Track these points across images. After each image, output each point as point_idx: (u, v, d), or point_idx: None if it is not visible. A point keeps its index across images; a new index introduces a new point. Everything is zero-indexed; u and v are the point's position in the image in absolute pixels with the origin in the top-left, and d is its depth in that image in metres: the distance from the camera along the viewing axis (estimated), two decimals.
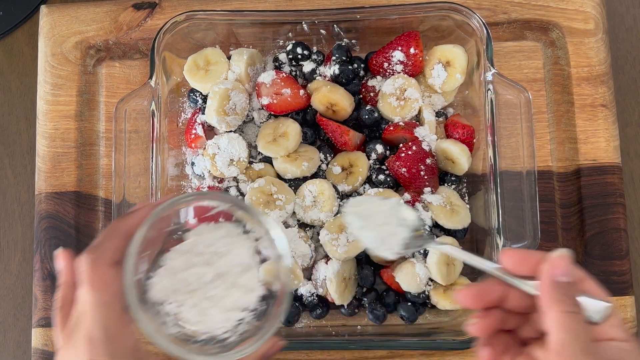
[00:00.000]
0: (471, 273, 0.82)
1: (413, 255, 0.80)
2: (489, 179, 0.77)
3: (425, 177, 0.80)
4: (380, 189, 0.80)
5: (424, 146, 0.81)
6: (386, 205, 0.67)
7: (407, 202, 0.80)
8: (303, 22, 0.83)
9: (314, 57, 0.85)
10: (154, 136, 0.80)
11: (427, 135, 0.81)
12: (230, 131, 0.83)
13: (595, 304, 0.50)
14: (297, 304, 0.79)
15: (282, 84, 0.82)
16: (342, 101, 0.81)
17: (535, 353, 0.52)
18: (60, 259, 0.57)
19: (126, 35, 0.90)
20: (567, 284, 0.50)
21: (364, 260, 0.82)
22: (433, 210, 0.80)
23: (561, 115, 0.87)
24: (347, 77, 0.83)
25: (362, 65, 0.84)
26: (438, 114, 0.85)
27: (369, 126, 0.85)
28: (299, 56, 0.84)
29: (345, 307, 0.80)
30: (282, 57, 0.85)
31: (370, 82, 0.85)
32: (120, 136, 0.81)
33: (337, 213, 0.81)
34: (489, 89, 0.78)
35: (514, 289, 0.53)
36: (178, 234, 0.56)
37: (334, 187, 0.81)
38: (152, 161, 0.79)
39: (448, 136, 0.83)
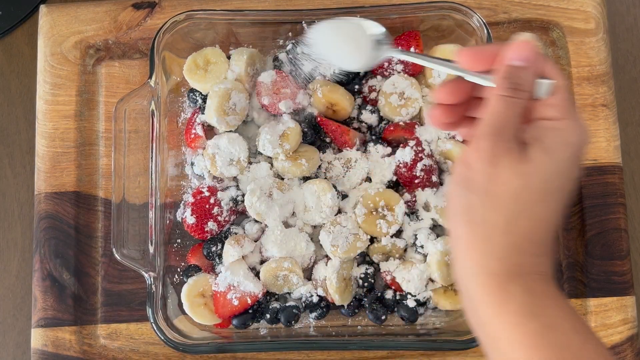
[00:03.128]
0: None
1: (415, 249, 0.80)
2: None
3: (426, 177, 0.80)
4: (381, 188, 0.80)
5: (425, 146, 0.81)
6: (350, 24, 0.69)
7: (407, 202, 0.80)
8: (303, 22, 0.83)
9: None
10: (153, 136, 0.79)
11: (428, 135, 0.81)
12: (230, 131, 0.83)
13: (542, 82, 0.51)
14: (297, 304, 0.79)
15: (282, 83, 0.82)
16: (342, 101, 0.81)
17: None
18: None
19: (126, 35, 0.90)
20: (519, 68, 0.51)
21: (364, 260, 0.82)
22: (433, 211, 0.80)
23: None
24: (347, 77, 0.83)
25: None
26: None
27: (369, 126, 0.84)
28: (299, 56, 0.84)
29: (345, 307, 0.80)
30: (282, 57, 0.85)
31: (371, 82, 0.85)
32: (120, 136, 0.80)
33: (337, 213, 0.81)
34: None
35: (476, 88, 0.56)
36: None
37: (334, 187, 0.80)
38: (152, 161, 0.79)
39: (448, 136, 0.83)
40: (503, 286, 0.49)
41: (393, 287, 0.80)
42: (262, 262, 0.81)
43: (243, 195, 0.81)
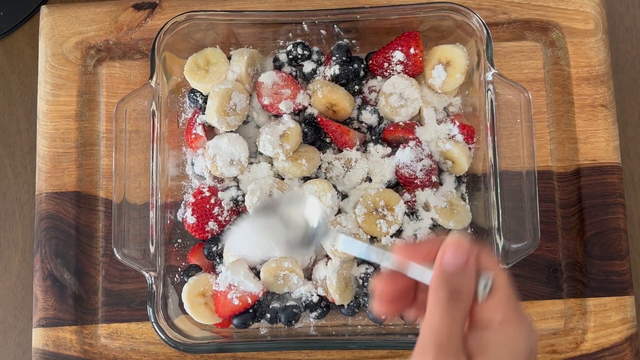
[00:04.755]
0: None
1: None
2: (489, 179, 0.77)
3: (426, 177, 0.80)
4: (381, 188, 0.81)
5: (424, 146, 0.81)
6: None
7: (407, 202, 0.80)
8: (303, 22, 0.83)
9: (314, 57, 0.85)
10: (154, 136, 0.80)
11: (428, 135, 0.82)
12: (231, 131, 0.83)
13: (482, 280, 0.48)
14: (297, 304, 0.79)
15: (282, 84, 0.82)
16: (342, 101, 0.81)
17: None
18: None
19: (126, 36, 0.90)
20: (454, 274, 0.47)
21: (364, 260, 0.82)
22: (433, 211, 0.80)
23: (561, 115, 0.87)
24: (347, 77, 0.83)
25: (362, 65, 0.85)
26: (438, 114, 0.85)
27: (369, 126, 0.85)
28: (299, 56, 0.85)
29: (345, 307, 0.80)
30: (282, 57, 0.86)
31: (371, 82, 0.85)
32: (121, 136, 0.81)
33: (337, 213, 0.81)
34: (489, 89, 0.78)
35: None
36: None
37: (334, 187, 0.81)
38: (153, 161, 0.79)
39: (448, 136, 0.83)
40: None
41: None
42: (262, 262, 0.81)
43: (243, 196, 0.81)
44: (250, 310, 0.78)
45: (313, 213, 0.60)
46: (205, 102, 0.83)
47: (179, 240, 0.85)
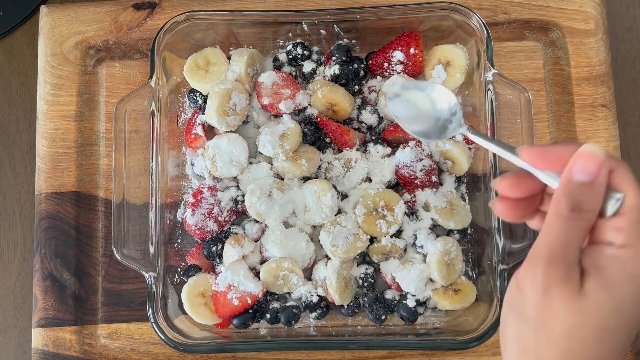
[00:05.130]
0: (471, 273, 0.82)
1: (415, 249, 0.80)
2: (489, 179, 0.77)
3: (426, 177, 0.80)
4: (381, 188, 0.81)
5: (424, 146, 0.81)
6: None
7: (406, 202, 0.80)
8: (303, 22, 0.83)
9: (314, 57, 0.85)
10: (154, 136, 0.80)
11: None
12: (230, 131, 0.83)
13: (611, 199, 0.45)
14: (297, 304, 0.79)
15: (282, 84, 0.82)
16: (342, 101, 0.81)
17: None
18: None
19: (126, 36, 0.90)
20: (583, 185, 0.44)
21: (364, 260, 0.82)
22: (433, 211, 0.80)
23: (561, 115, 0.87)
24: (347, 77, 0.83)
25: (362, 65, 0.84)
26: None
27: (369, 126, 0.85)
28: (299, 56, 0.84)
29: (345, 307, 0.80)
30: (282, 57, 0.86)
31: (371, 82, 0.85)
32: (120, 136, 0.81)
33: (337, 213, 0.81)
34: (489, 89, 0.78)
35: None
36: None
37: (334, 187, 0.81)
38: (152, 161, 0.79)
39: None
40: None
41: (393, 287, 0.80)
42: (262, 262, 0.81)
43: (243, 196, 0.81)
44: (250, 311, 0.78)
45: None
46: (205, 102, 0.83)
47: (179, 241, 0.85)
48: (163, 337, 0.75)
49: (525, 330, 0.46)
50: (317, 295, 0.79)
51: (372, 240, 0.81)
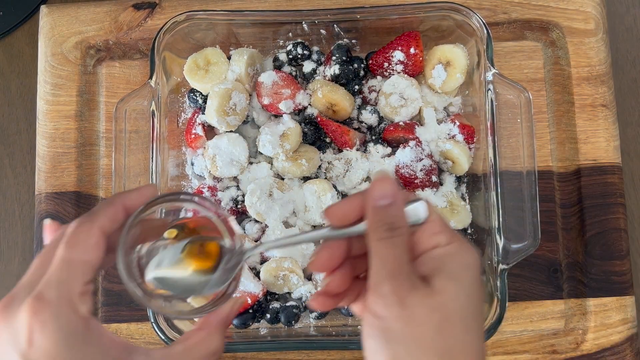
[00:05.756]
0: None
1: None
2: (489, 179, 0.77)
3: (426, 177, 0.80)
4: None
5: (424, 146, 0.81)
6: None
7: None
8: (303, 22, 0.83)
9: (314, 57, 0.85)
10: (154, 136, 0.80)
11: (428, 135, 0.82)
12: (231, 131, 0.83)
13: (413, 208, 0.48)
14: (297, 304, 0.79)
15: (282, 84, 0.82)
16: (342, 101, 0.81)
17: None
18: (47, 229, 0.51)
19: (126, 35, 0.90)
20: (387, 206, 0.48)
21: None
22: None
23: (561, 115, 0.87)
24: (347, 77, 0.83)
25: (362, 65, 0.84)
26: (438, 114, 0.85)
27: (369, 126, 0.85)
28: (299, 56, 0.84)
29: (346, 307, 0.80)
30: (282, 57, 0.85)
31: (371, 82, 0.85)
32: (120, 136, 0.81)
33: None
34: (489, 89, 0.78)
35: (354, 238, 0.51)
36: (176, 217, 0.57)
37: (334, 187, 0.81)
38: (152, 161, 0.79)
39: (448, 136, 0.83)
40: None
41: None
42: (262, 262, 0.81)
43: (243, 196, 0.81)
44: (250, 311, 0.78)
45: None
46: (205, 102, 0.83)
47: None
48: (163, 337, 0.75)
49: (397, 350, 0.45)
50: None
51: None
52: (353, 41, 0.87)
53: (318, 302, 0.52)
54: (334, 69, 0.82)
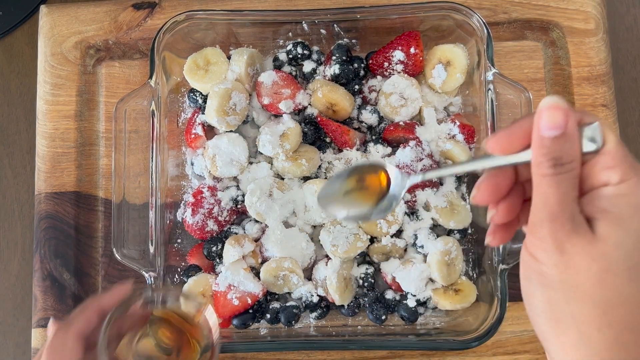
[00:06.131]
0: (471, 273, 0.82)
1: (415, 249, 0.80)
2: None
3: None
4: None
5: (425, 146, 0.81)
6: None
7: (407, 202, 0.80)
8: (303, 22, 0.83)
9: (314, 57, 0.85)
10: (154, 136, 0.80)
11: (428, 135, 0.81)
12: (230, 131, 0.83)
13: (586, 134, 0.43)
14: (297, 304, 0.79)
15: (282, 83, 0.82)
16: (342, 101, 0.81)
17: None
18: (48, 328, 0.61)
19: (126, 35, 0.90)
20: (555, 139, 0.42)
21: (364, 260, 0.82)
22: (433, 211, 0.80)
23: None
24: (347, 77, 0.83)
25: (362, 65, 0.84)
26: (438, 114, 0.85)
27: (369, 126, 0.85)
28: (299, 56, 0.84)
29: (345, 307, 0.80)
30: (282, 57, 0.85)
31: (371, 82, 0.85)
32: (120, 136, 0.80)
33: None
34: (489, 89, 0.78)
35: (520, 167, 0.48)
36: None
37: None
38: (152, 161, 0.79)
39: (448, 136, 0.83)
40: None
41: (393, 287, 0.80)
42: (262, 262, 0.81)
43: (243, 195, 0.81)
44: (250, 311, 0.78)
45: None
46: (205, 101, 0.83)
47: (179, 241, 0.84)
48: None
49: (553, 296, 0.44)
50: (317, 295, 0.79)
51: (372, 240, 0.81)
52: (353, 41, 0.86)
53: (495, 239, 0.49)
54: (334, 68, 0.82)
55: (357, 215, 0.63)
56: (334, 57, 0.83)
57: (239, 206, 0.82)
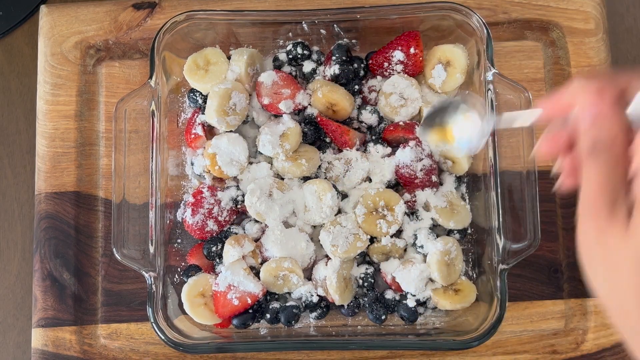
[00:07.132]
0: (471, 273, 0.82)
1: (415, 249, 0.80)
2: (489, 178, 0.77)
3: (425, 177, 0.80)
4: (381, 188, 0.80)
5: (425, 146, 0.81)
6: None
7: (407, 202, 0.80)
8: (303, 22, 0.83)
9: (314, 57, 0.85)
10: (154, 136, 0.80)
11: None
12: (230, 131, 0.83)
13: (635, 104, 0.40)
14: (297, 304, 0.79)
15: (282, 83, 0.82)
16: (342, 101, 0.81)
17: None
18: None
19: (126, 35, 0.90)
20: (593, 123, 0.41)
21: (364, 260, 0.82)
22: (433, 211, 0.80)
23: None
24: (347, 77, 0.83)
25: (362, 65, 0.84)
26: None
27: (369, 126, 0.85)
28: (299, 56, 0.84)
29: (345, 307, 0.80)
30: (282, 57, 0.85)
31: (371, 82, 0.85)
32: (120, 136, 0.80)
33: (337, 212, 0.81)
34: (489, 89, 0.78)
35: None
36: None
37: (334, 186, 0.80)
38: (152, 161, 0.79)
39: None
40: None
41: (393, 287, 0.80)
42: (262, 262, 0.81)
43: (243, 195, 0.81)
44: (250, 311, 0.78)
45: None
46: (205, 102, 0.83)
47: (179, 241, 0.84)
48: (163, 337, 0.75)
49: (597, 277, 0.43)
50: (317, 295, 0.79)
51: (372, 240, 0.81)
52: (353, 41, 0.86)
53: (566, 185, 0.48)
54: (334, 68, 0.82)
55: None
56: (333, 57, 0.83)
57: (238, 206, 0.82)
